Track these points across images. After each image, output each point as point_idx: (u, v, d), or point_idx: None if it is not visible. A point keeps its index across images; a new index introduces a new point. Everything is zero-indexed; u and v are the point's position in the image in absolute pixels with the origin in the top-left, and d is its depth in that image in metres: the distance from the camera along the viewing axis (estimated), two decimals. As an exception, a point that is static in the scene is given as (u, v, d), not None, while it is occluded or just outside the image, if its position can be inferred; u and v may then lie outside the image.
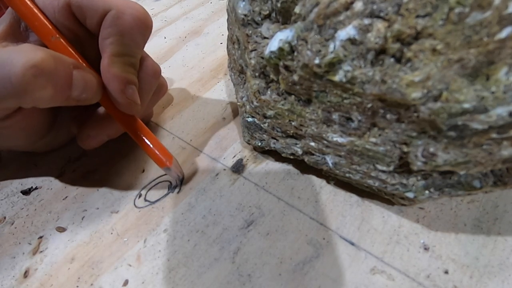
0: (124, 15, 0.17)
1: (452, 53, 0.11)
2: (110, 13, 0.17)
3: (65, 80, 0.15)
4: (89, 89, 0.16)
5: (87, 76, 0.16)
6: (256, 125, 0.19)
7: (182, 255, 0.17)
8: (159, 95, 0.23)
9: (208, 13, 0.37)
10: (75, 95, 0.16)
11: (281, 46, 0.14)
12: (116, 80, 0.17)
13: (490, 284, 0.14)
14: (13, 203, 0.20)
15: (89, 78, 0.17)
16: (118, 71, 0.17)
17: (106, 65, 0.17)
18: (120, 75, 0.17)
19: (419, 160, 0.13)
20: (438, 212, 0.17)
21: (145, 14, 0.18)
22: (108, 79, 0.17)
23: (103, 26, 0.17)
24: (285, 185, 0.19)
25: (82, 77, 0.16)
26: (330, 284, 0.15)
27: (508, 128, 0.11)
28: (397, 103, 0.12)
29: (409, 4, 0.11)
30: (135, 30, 0.18)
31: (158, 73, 0.21)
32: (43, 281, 0.16)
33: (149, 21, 0.18)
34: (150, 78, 0.20)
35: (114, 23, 0.17)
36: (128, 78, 0.17)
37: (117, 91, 0.17)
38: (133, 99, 0.18)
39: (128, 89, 0.17)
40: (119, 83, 0.17)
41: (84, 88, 0.16)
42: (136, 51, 0.18)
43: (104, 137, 0.20)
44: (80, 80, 0.16)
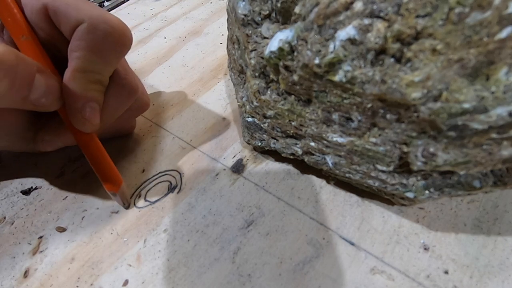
0: (96, 30, 0.16)
1: (452, 53, 0.11)
2: (82, 26, 0.16)
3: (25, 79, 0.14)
4: (49, 95, 0.16)
5: (50, 81, 0.16)
6: (256, 125, 0.19)
7: (182, 255, 0.17)
8: (138, 111, 0.21)
9: (208, 13, 0.37)
10: (34, 98, 0.15)
11: (281, 46, 0.14)
12: (73, 97, 0.16)
13: (490, 284, 0.14)
14: (13, 203, 0.20)
15: (52, 84, 0.16)
16: (78, 88, 0.16)
17: (67, 79, 0.16)
18: (80, 93, 0.16)
19: (419, 160, 0.13)
20: (438, 212, 0.17)
21: (122, 30, 0.17)
22: (67, 94, 0.16)
23: (73, 37, 0.16)
24: (285, 185, 0.19)
25: (44, 81, 0.15)
26: (330, 284, 0.15)
27: (508, 128, 0.11)
28: (397, 103, 0.12)
29: (409, 4, 0.11)
30: (107, 47, 0.16)
31: (134, 90, 0.19)
32: (43, 281, 0.16)
33: (125, 37, 0.17)
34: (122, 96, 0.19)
35: (83, 37, 0.16)
36: (88, 96, 0.17)
37: (73, 108, 0.16)
38: (89, 119, 0.17)
39: (85, 108, 0.16)
40: (77, 100, 0.16)
41: (44, 93, 0.15)
42: (104, 68, 0.17)
43: (59, 143, 0.19)
44: (41, 83, 0.15)
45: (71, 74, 0.16)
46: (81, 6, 0.16)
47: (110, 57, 0.17)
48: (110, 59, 0.17)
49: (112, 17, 0.17)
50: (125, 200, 0.19)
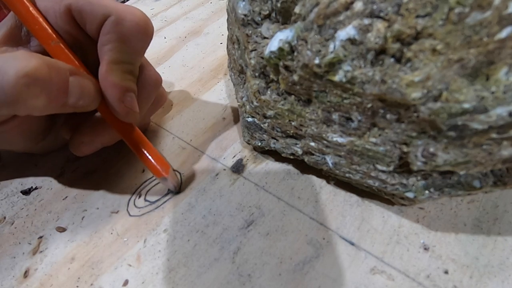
0: (124, 21, 0.16)
1: (452, 53, 0.11)
2: (110, 19, 0.16)
3: (60, 88, 0.15)
4: (86, 96, 0.16)
5: (84, 82, 0.16)
6: (256, 125, 0.19)
7: (182, 255, 0.17)
8: (158, 105, 0.22)
9: (208, 13, 0.37)
10: (72, 102, 0.16)
11: (281, 46, 0.14)
12: (114, 88, 0.17)
13: (490, 284, 0.14)
14: (13, 203, 0.20)
15: (87, 85, 0.16)
16: (116, 79, 0.17)
17: (104, 72, 0.17)
18: (118, 83, 0.17)
19: (419, 160, 0.13)
20: (438, 212, 0.17)
21: (146, 20, 0.18)
22: (106, 87, 0.17)
23: (102, 32, 0.17)
24: (285, 185, 0.19)
25: (79, 83, 0.16)
26: (330, 284, 0.15)
27: (508, 128, 0.11)
28: (397, 103, 0.12)
29: (409, 4, 0.11)
30: (135, 37, 0.17)
31: (158, 82, 0.20)
32: (43, 281, 0.16)
33: (149, 27, 0.18)
34: (150, 87, 0.19)
35: (113, 30, 0.16)
36: (127, 86, 0.17)
37: (115, 99, 0.17)
38: (131, 107, 0.17)
39: (126, 97, 0.17)
40: (117, 91, 0.17)
41: (80, 95, 0.16)
42: (136, 58, 0.18)
43: (98, 145, 0.19)
44: (76, 86, 0.16)
45: (107, 67, 0.17)
46: (104, 2, 0.17)
47: (138, 47, 0.18)
48: (138, 49, 0.18)
49: (135, 9, 0.17)
50: (176, 183, 0.19)
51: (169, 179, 0.18)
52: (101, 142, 0.19)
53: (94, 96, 0.17)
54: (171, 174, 0.19)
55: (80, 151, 0.19)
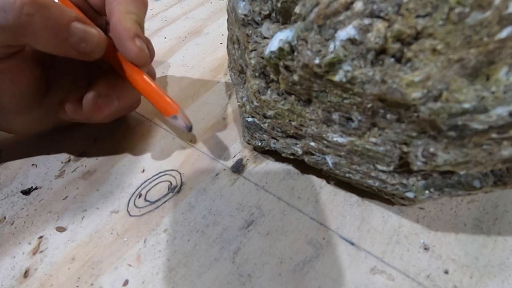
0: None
1: (452, 53, 0.11)
2: None
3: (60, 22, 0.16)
4: (89, 40, 0.17)
5: (88, 28, 0.17)
6: (256, 125, 0.19)
7: (182, 255, 0.17)
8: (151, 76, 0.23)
9: (208, 13, 0.37)
10: (73, 41, 0.16)
11: (281, 46, 0.14)
12: (126, 31, 0.18)
13: (490, 284, 0.14)
14: (13, 203, 0.20)
15: (90, 31, 0.17)
16: (128, 24, 0.18)
17: (116, 21, 0.18)
18: (130, 27, 0.18)
19: (419, 160, 0.13)
20: (438, 212, 0.17)
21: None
22: (119, 31, 0.18)
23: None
24: (285, 185, 0.19)
25: (83, 27, 0.17)
26: (330, 284, 0.15)
27: (508, 128, 0.11)
28: (397, 103, 0.12)
29: (409, 4, 0.11)
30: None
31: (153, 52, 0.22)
32: (43, 281, 0.16)
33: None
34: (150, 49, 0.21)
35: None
36: (137, 31, 0.18)
37: (128, 40, 0.18)
38: (144, 49, 0.19)
39: (137, 40, 0.18)
40: (130, 33, 0.18)
41: (83, 37, 0.17)
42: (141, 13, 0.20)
43: (114, 101, 0.20)
44: (80, 29, 0.17)
45: (118, 16, 0.18)
46: None
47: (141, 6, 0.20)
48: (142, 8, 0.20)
49: None
50: (187, 121, 0.19)
51: (179, 116, 0.19)
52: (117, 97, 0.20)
53: (97, 42, 0.18)
54: (181, 112, 0.19)
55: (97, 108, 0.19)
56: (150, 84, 0.19)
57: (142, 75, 0.19)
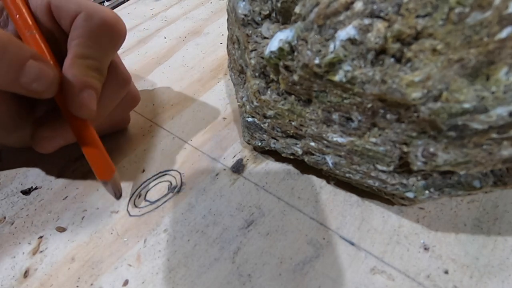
0: (92, 17, 0.17)
1: (452, 53, 0.11)
2: (80, 15, 0.17)
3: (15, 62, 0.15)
4: (42, 80, 0.16)
5: (43, 68, 0.16)
6: (256, 125, 0.19)
7: (182, 255, 0.17)
8: (131, 104, 0.22)
9: (208, 13, 0.37)
10: (24, 81, 0.15)
11: (281, 46, 0.14)
12: (73, 81, 0.17)
13: (490, 284, 0.14)
14: (13, 203, 0.20)
15: (45, 70, 0.16)
16: (77, 72, 0.17)
17: (67, 65, 0.17)
18: (79, 77, 0.17)
19: (419, 160, 0.13)
20: (438, 212, 0.17)
21: (116, 19, 0.18)
22: (67, 79, 0.17)
23: (72, 28, 0.17)
24: (285, 185, 0.19)
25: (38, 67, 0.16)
26: (330, 284, 0.15)
27: (508, 128, 0.11)
28: (397, 103, 0.12)
29: (409, 4, 0.11)
30: (103, 34, 0.18)
31: (126, 81, 0.20)
32: (43, 281, 0.16)
33: (119, 26, 0.18)
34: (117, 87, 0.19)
35: (81, 25, 0.17)
36: (87, 81, 0.17)
37: (73, 92, 0.17)
38: (87, 104, 0.17)
39: (84, 93, 0.17)
40: (76, 84, 0.17)
41: (36, 78, 0.16)
42: (103, 56, 0.18)
43: (60, 141, 0.18)
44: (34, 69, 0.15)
45: (71, 61, 0.17)
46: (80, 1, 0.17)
47: (106, 45, 0.18)
48: (107, 47, 0.18)
49: (107, 9, 0.18)
50: (117, 190, 0.19)
51: (109, 183, 0.18)
52: (63, 138, 0.19)
53: (50, 83, 0.16)
54: (114, 179, 0.18)
55: (41, 147, 0.18)
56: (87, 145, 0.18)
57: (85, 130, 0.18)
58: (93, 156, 0.18)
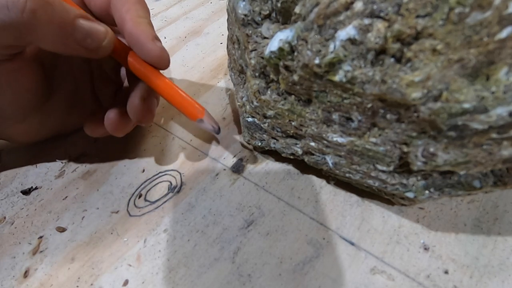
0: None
1: (452, 53, 0.11)
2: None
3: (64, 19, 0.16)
4: (95, 35, 0.17)
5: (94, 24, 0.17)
6: (256, 125, 0.19)
7: (182, 255, 0.17)
8: None
9: (208, 13, 0.37)
10: (79, 37, 0.16)
11: (281, 46, 0.14)
12: (145, 34, 0.18)
13: (490, 284, 0.14)
14: (13, 203, 0.20)
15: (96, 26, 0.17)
16: (145, 28, 0.18)
17: (131, 26, 0.18)
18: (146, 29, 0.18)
19: (419, 160, 0.13)
20: (438, 212, 0.17)
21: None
22: (138, 35, 0.18)
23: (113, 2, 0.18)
24: (285, 185, 0.19)
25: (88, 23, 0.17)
26: (330, 284, 0.15)
27: (508, 128, 0.11)
28: (397, 103, 0.12)
29: (409, 4, 0.11)
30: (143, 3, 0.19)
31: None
32: (43, 281, 0.16)
33: None
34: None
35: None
36: (153, 33, 0.18)
37: (149, 42, 0.18)
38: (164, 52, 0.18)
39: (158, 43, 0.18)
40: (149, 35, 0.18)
41: (89, 33, 0.17)
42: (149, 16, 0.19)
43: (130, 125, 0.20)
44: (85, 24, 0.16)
45: (133, 22, 0.18)
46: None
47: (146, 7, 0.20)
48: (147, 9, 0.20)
49: None
50: (214, 123, 0.19)
51: (205, 120, 0.19)
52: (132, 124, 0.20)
53: (103, 37, 0.17)
54: (207, 115, 0.19)
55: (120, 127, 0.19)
56: (173, 88, 0.19)
57: (164, 78, 0.19)
58: (180, 102, 0.19)
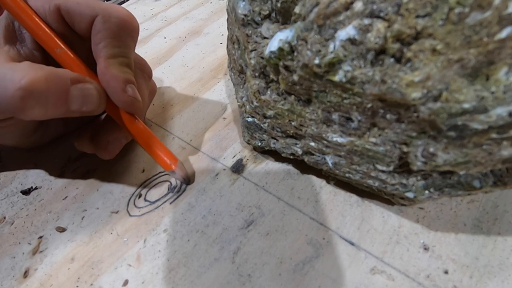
0: (110, 19, 0.18)
1: (452, 53, 0.11)
2: (98, 18, 0.17)
3: (59, 98, 0.16)
4: (89, 102, 0.17)
5: (87, 89, 0.17)
6: (256, 125, 0.19)
7: (182, 255, 0.17)
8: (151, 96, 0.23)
9: (208, 13, 0.37)
10: (75, 108, 0.16)
11: (281, 46, 0.14)
12: (115, 80, 0.17)
13: (490, 284, 0.14)
14: (13, 203, 0.20)
15: (90, 91, 0.17)
16: (115, 71, 0.17)
17: (103, 68, 0.17)
18: (119, 75, 0.17)
19: (419, 160, 0.13)
20: (438, 212, 0.17)
21: (131, 15, 0.19)
22: (107, 81, 0.17)
23: (93, 32, 0.18)
24: (285, 185, 0.19)
25: (81, 91, 0.16)
26: (330, 284, 0.15)
27: (508, 128, 0.11)
28: (397, 103, 0.12)
29: (409, 4, 0.11)
30: (124, 32, 0.18)
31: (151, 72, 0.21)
32: (43, 281, 0.16)
33: (135, 22, 0.19)
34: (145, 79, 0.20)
35: (103, 27, 0.17)
36: (127, 77, 0.18)
37: (118, 90, 0.17)
38: (136, 97, 0.18)
39: (128, 88, 0.18)
40: (119, 82, 0.17)
41: (83, 102, 0.16)
42: (129, 52, 0.19)
43: (123, 140, 0.20)
44: (78, 95, 0.16)
45: (105, 63, 0.17)
46: (91, 3, 0.18)
47: (128, 41, 0.19)
48: (129, 43, 0.19)
49: (119, 7, 0.19)
50: (185, 175, 0.19)
51: (177, 171, 0.19)
52: (125, 137, 0.20)
53: (98, 101, 0.17)
54: (179, 166, 0.19)
55: (109, 152, 0.19)
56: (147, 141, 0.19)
57: (139, 127, 0.19)
58: (154, 150, 0.19)
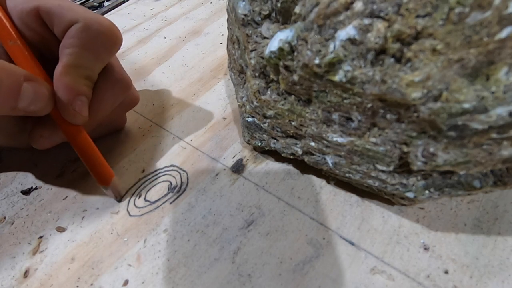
0: (90, 29, 0.17)
1: (452, 53, 0.11)
2: (76, 25, 0.17)
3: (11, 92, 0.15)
4: (38, 102, 0.16)
5: (38, 88, 0.16)
6: (256, 125, 0.19)
7: (182, 255, 0.17)
8: (129, 105, 0.22)
9: (208, 13, 0.37)
10: (22, 106, 0.16)
11: (281, 46, 0.14)
12: (65, 90, 0.17)
13: (490, 284, 0.14)
14: (13, 203, 0.20)
15: (40, 91, 0.16)
16: (70, 81, 0.17)
17: (58, 73, 0.17)
18: (71, 85, 0.17)
19: (419, 160, 0.13)
20: (438, 212, 0.17)
21: (113, 30, 0.18)
22: (58, 87, 0.17)
23: (66, 35, 0.17)
24: (285, 185, 0.19)
25: (32, 89, 0.16)
26: (330, 284, 0.15)
27: (508, 128, 0.11)
28: (397, 103, 0.12)
29: (409, 4, 0.11)
30: (99, 45, 0.18)
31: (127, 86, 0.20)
32: (43, 281, 0.16)
33: (116, 37, 0.19)
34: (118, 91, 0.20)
35: (77, 35, 0.17)
36: (79, 89, 0.17)
37: (65, 101, 0.17)
38: (81, 111, 0.17)
39: (76, 100, 0.17)
40: (68, 93, 0.17)
41: (32, 100, 0.16)
42: (95, 65, 0.18)
43: (57, 139, 0.19)
44: (29, 92, 0.16)
45: (62, 69, 0.17)
46: (74, 8, 0.17)
47: (101, 55, 0.18)
48: (102, 57, 0.18)
49: (104, 18, 0.18)
50: (117, 193, 0.19)
51: (109, 188, 0.18)
52: (61, 137, 0.19)
53: (47, 102, 0.17)
54: (113, 183, 0.19)
55: (39, 144, 0.19)
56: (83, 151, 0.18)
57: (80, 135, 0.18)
58: (91, 163, 0.18)
